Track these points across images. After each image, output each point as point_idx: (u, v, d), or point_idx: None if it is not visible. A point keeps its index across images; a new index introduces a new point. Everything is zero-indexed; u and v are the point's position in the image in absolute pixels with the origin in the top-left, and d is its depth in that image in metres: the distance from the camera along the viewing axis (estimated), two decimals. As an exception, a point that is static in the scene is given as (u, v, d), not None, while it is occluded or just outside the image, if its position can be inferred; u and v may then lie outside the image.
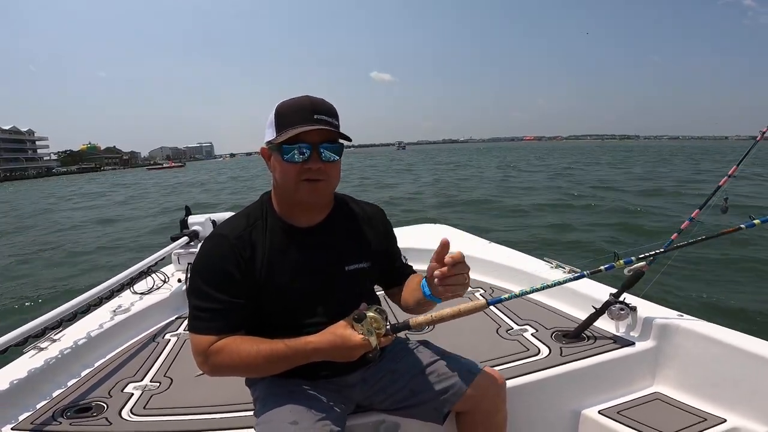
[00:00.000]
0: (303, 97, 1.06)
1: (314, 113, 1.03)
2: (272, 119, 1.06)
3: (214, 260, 1.08)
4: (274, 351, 1.02)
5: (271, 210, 1.15)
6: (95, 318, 1.99)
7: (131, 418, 1.34)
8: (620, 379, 1.52)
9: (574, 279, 1.38)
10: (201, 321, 1.06)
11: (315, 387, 1.14)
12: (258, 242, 1.10)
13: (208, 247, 1.11)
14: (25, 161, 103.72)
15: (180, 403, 1.41)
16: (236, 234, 1.09)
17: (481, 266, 2.47)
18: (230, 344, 1.04)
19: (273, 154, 1.08)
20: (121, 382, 1.58)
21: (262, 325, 1.13)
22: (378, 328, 1.00)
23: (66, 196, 27.79)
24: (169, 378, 1.60)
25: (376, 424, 1.27)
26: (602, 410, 1.44)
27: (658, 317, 1.57)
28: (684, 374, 1.49)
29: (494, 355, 1.55)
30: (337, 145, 1.07)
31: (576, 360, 1.49)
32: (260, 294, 1.09)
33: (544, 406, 1.45)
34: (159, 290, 2.37)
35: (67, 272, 7.19)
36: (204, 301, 1.06)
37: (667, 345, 1.53)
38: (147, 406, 1.41)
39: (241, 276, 1.07)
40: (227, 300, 1.05)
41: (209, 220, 2.73)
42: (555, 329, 1.71)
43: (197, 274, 1.09)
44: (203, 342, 1.05)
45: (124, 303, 2.18)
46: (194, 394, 1.46)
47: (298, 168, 1.04)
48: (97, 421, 1.33)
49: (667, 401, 1.46)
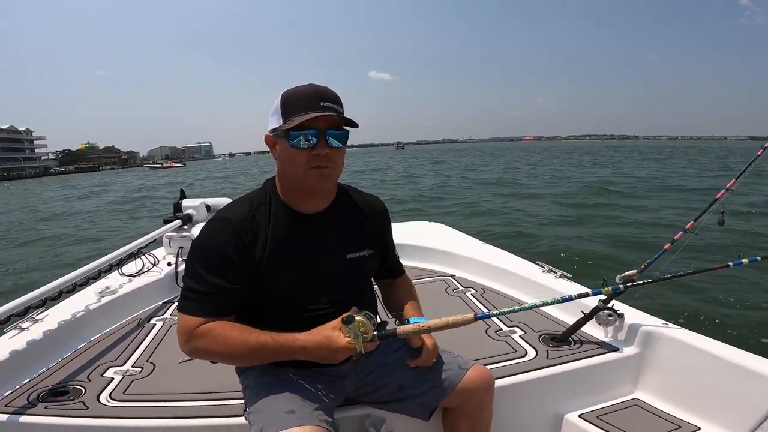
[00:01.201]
0: (308, 85, 1.06)
1: (320, 100, 1.03)
2: (278, 106, 1.06)
3: (214, 243, 1.07)
4: (260, 343, 1.02)
5: (275, 196, 1.14)
6: (81, 299, 1.96)
7: (109, 403, 1.32)
8: (603, 384, 1.53)
9: (561, 302, 1.39)
10: (191, 302, 1.06)
11: (307, 377, 1.14)
12: (261, 227, 1.09)
13: (209, 230, 1.10)
14: (22, 161, 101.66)
15: (162, 390, 1.39)
16: (239, 218, 1.08)
17: (474, 267, 2.47)
18: (217, 329, 1.03)
19: (279, 141, 1.08)
20: (101, 366, 1.56)
21: (262, 309, 1.12)
22: (365, 333, 1.01)
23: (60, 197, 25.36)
24: (152, 363, 1.58)
25: (362, 417, 1.26)
26: (582, 414, 1.45)
27: (644, 324, 1.58)
28: (664, 381, 1.50)
29: (482, 354, 1.55)
30: (342, 131, 1.07)
31: (561, 363, 1.49)
32: (260, 279, 1.08)
33: (528, 407, 1.46)
34: (148, 273, 2.34)
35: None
36: (197, 283, 1.05)
37: (650, 352, 1.54)
38: (127, 391, 1.39)
39: (240, 260, 1.06)
40: (222, 284, 1.05)
41: (203, 204, 2.71)
42: (543, 332, 1.72)
43: (195, 255, 1.09)
44: (190, 323, 1.04)
45: (112, 284, 2.15)
46: (177, 381, 1.44)
47: (307, 155, 1.04)
48: (73, 404, 1.31)
49: (646, 408, 1.47)
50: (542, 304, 1.36)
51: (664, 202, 10.93)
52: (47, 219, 14.76)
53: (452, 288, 2.31)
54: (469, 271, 2.48)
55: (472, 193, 14.70)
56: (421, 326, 1.08)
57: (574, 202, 11.29)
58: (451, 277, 2.47)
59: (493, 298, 2.14)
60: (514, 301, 2.10)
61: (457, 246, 2.72)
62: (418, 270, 2.57)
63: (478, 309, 2.02)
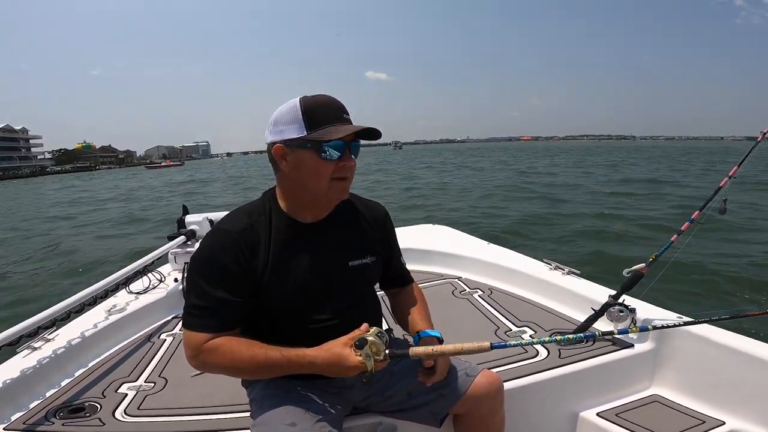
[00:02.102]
0: (326, 96, 1.05)
1: (343, 112, 1.04)
2: (298, 116, 1.01)
3: (214, 256, 1.05)
4: (269, 358, 1.01)
5: (275, 206, 1.13)
6: (90, 317, 1.97)
7: (125, 419, 1.33)
8: (619, 381, 1.51)
9: (582, 340, 1.42)
10: (196, 318, 1.04)
11: (313, 388, 1.13)
12: (261, 238, 1.08)
13: (208, 243, 1.08)
14: (18, 160, 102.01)
15: (174, 404, 1.40)
16: (238, 229, 1.07)
17: (480, 267, 2.47)
18: (225, 345, 1.02)
19: (298, 152, 1.03)
20: (115, 382, 1.56)
21: (265, 320, 1.12)
22: (377, 354, 0.99)
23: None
24: (164, 378, 1.58)
25: (373, 426, 1.26)
26: (600, 412, 1.43)
27: (657, 319, 1.56)
28: (682, 376, 1.49)
29: (493, 356, 1.53)
30: (358, 142, 1.08)
31: (574, 362, 1.48)
32: (262, 290, 1.07)
33: (543, 408, 1.45)
34: (155, 290, 2.35)
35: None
36: (200, 298, 1.04)
37: (665, 347, 1.53)
38: (141, 406, 1.39)
39: (241, 272, 1.04)
40: (225, 298, 1.03)
41: (206, 219, 2.72)
42: (554, 330, 1.71)
43: (196, 269, 1.07)
44: (197, 339, 1.03)
45: (120, 302, 2.16)
46: (189, 395, 1.44)
47: (333, 166, 1.03)
48: (89, 421, 1.32)
49: (666, 403, 1.45)
50: (563, 340, 1.17)
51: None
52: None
53: (459, 290, 2.30)
54: (476, 272, 2.47)
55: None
56: (435, 350, 1.05)
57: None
58: (458, 279, 2.47)
59: (501, 298, 2.13)
60: (522, 300, 2.09)
61: (462, 247, 2.72)
62: (424, 273, 2.57)
63: (486, 310, 2.01)
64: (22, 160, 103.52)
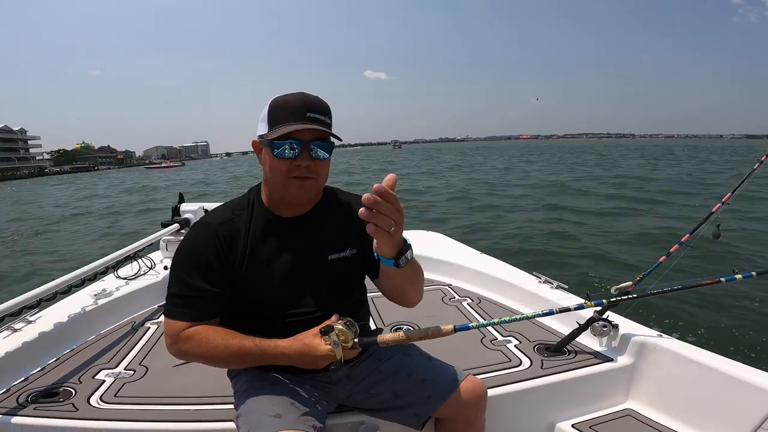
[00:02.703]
0: (297, 94, 1.06)
1: (307, 111, 1.03)
2: (266, 114, 1.07)
3: (195, 248, 1.09)
4: (243, 348, 1.03)
5: (258, 201, 1.16)
6: (75, 300, 1.96)
7: (100, 405, 1.31)
8: (596, 394, 1.53)
9: (542, 315, 1.39)
10: (175, 306, 1.08)
11: (298, 382, 1.14)
12: (240, 231, 1.11)
13: (190, 235, 1.12)
14: (17, 161, 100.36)
15: (154, 393, 1.39)
16: (218, 222, 1.11)
17: (471, 276, 2.48)
18: (201, 333, 1.05)
19: (264, 149, 1.09)
20: (93, 368, 1.55)
21: (243, 312, 1.13)
22: (345, 341, 1.02)
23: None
24: (144, 367, 1.57)
25: (355, 424, 1.26)
26: (575, 424, 1.45)
27: (638, 335, 1.58)
28: (657, 392, 1.50)
29: (477, 363, 1.55)
30: (327, 143, 1.07)
31: (555, 373, 1.49)
32: (240, 282, 1.10)
33: (521, 416, 1.45)
34: (144, 276, 2.33)
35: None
36: (180, 287, 1.08)
37: (643, 362, 1.54)
38: (118, 393, 1.38)
39: (219, 264, 1.07)
40: (204, 288, 1.06)
41: (202, 208, 2.71)
42: (538, 342, 1.72)
43: (177, 260, 1.11)
44: (175, 327, 1.07)
45: (107, 287, 2.15)
46: (170, 385, 1.43)
47: (288, 165, 1.05)
48: (62, 406, 1.30)
49: (638, 418, 1.47)
50: (521, 318, 1.36)
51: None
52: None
53: (448, 297, 2.31)
54: (466, 281, 2.48)
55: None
56: (401, 336, 1.08)
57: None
58: (448, 286, 2.47)
59: (489, 307, 2.14)
60: (509, 310, 2.10)
61: (454, 255, 2.73)
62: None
63: (473, 318, 2.02)
64: (20, 161, 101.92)
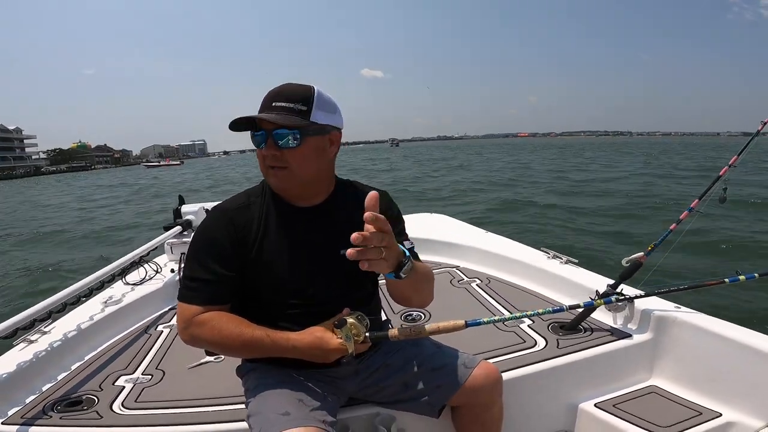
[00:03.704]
0: (280, 86, 1.07)
1: (273, 100, 1.04)
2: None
3: (210, 232, 1.11)
4: (255, 338, 1.04)
5: (271, 190, 1.15)
6: (86, 309, 1.96)
7: (122, 412, 1.32)
8: (617, 372, 1.51)
9: (552, 312, 1.34)
10: (190, 290, 1.08)
11: (307, 377, 1.13)
12: (254, 218, 1.12)
13: (206, 221, 1.15)
14: (12, 160, 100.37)
15: (172, 396, 1.39)
16: (234, 207, 1.13)
17: (478, 256, 2.46)
18: (215, 319, 1.05)
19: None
20: (112, 374, 1.56)
21: (251, 299, 1.13)
22: (357, 335, 1.02)
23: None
24: (161, 371, 1.58)
25: (371, 416, 1.25)
26: (598, 403, 1.44)
27: (656, 309, 1.56)
28: (681, 367, 1.48)
29: (490, 347, 1.54)
30: (293, 130, 1.02)
31: (572, 352, 1.48)
32: (249, 268, 1.10)
33: (541, 398, 1.45)
34: (151, 281, 2.34)
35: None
36: (194, 270, 1.09)
37: (664, 337, 1.52)
38: (138, 399, 1.39)
39: (233, 249, 1.08)
40: (218, 271, 1.07)
41: (203, 209, 2.71)
42: (552, 321, 1.70)
43: (193, 245, 1.12)
44: (189, 311, 1.07)
45: (116, 294, 2.15)
46: (186, 387, 1.44)
47: (261, 155, 1.07)
48: (87, 414, 1.31)
49: (663, 395, 1.45)
50: (534, 314, 1.32)
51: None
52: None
53: (457, 279, 2.30)
54: (474, 261, 2.47)
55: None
56: (412, 330, 1.07)
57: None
58: (456, 268, 2.46)
59: (499, 287, 2.13)
60: (520, 289, 2.09)
61: (460, 236, 2.71)
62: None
63: (484, 300, 2.01)
64: (16, 161, 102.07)
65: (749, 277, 1.40)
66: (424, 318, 1.87)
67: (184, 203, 2.83)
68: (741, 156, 1.88)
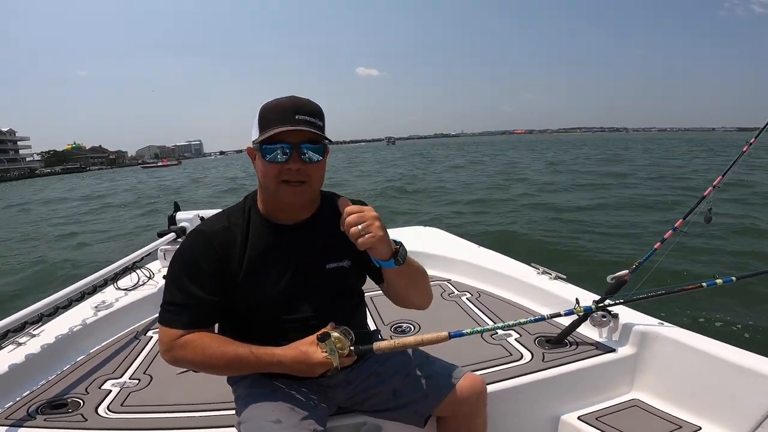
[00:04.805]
0: (287, 98, 1.06)
1: (296, 113, 1.02)
2: (256, 119, 1.07)
3: (190, 256, 1.09)
4: (238, 355, 1.04)
5: (254, 208, 1.15)
6: (77, 313, 1.96)
7: (108, 415, 1.32)
8: (600, 385, 1.54)
9: (534, 321, 1.41)
10: (170, 314, 1.08)
11: (298, 386, 1.14)
12: (237, 239, 1.11)
13: (186, 243, 1.13)
14: (6, 162, 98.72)
15: (159, 401, 1.40)
16: (214, 230, 1.11)
17: (469, 270, 2.48)
18: (196, 341, 1.05)
19: (256, 154, 1.08)
20: (99, 378, 1.56)
21: (242, 321, 1.13)
22: (341, 349, 1.02)
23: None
24: (149, 375, 1.58)
25: (357, 425, 1.27)
26: (581, 416, 1.46)
27: (639, 324, 1.59)
28: (662, 381, 1.51)
29: (477, 359, 1.56)
30: (319, 146, 1.06)
31: (558, 366, 1.50)
32: (237, 290, 1.10)
33: (525, 411, 1.47)
34: (143, 287, 2.34)
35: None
36: (174, 295, 1.08)
37: (646, 352, 1.55)
38: (124, 403, 1.39)
39: (214, 272, 1.07)
40: (198, 296, 1.06)
41: (197, 216, 2.72)
42: (539, 335, 1.72)
43: (172, 267, 1.11)
44: (170, 334, 1.07)
45: (108, 299, 2.15)
46: (174, 393, 1.44)
47: (279, 168, 1.04)
48: (72, 417, 1.32)
49: (645, 408, 1.48)
50: (515, 324, 1.40)
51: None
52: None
53: (447, 293, 2.32)
54: (465, 275, 2.49)
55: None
56: (396, 343, 1.09)
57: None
58: (447, 281, 2.48)
59: (489, 301, 2.15)
60: (509, 304, 2.12)
61: (451, 250, 2.73)
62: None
63: (473, 313, 2.03)
64: (10, 163, 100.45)
65: (726, 280, 1.43)
66: (413, 330, 1.89)
67: (179, 210, 2.83)
68: (725, 177, 1.92)
